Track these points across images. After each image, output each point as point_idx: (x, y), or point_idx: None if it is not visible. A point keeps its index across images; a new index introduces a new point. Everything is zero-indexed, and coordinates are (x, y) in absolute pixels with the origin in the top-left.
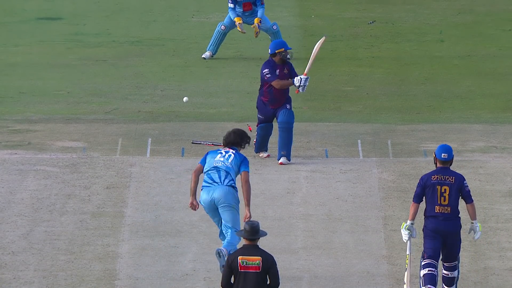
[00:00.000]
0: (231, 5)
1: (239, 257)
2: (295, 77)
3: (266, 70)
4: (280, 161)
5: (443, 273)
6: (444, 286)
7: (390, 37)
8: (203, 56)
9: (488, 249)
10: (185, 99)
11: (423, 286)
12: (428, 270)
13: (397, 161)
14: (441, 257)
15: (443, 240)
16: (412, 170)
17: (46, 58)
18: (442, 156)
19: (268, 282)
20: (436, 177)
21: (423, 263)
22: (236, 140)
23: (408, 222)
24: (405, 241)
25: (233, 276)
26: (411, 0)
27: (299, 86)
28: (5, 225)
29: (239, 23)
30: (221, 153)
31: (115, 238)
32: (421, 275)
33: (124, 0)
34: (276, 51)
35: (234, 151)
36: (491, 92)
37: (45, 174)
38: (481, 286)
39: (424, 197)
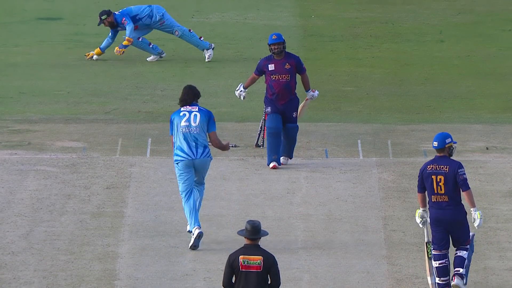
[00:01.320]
0: (110, 34)
1: (240, 256)
2: (240, 86)
3: (259, 62)
4: (281, 162)
5: (454, 252)
6: (454, 269)
7: (390, 37)
8: (207, 56)
9: (488, 249)
10: None
11: (436, 276)
12: (439, 264)
13: (397, 161)
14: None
15: (447, 228)
16: (412, 170)
17: (46, 58)
18: (433, 145)
19: (269, 282)
20: (431, 166)
21: (435, 253)
22: (194, 94)
23: (421, 209)
24: (421, 227)
25: (234, 276)
26: (411, 0)
27: (236, 90)
28: (5, 225)
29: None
30: (185, 114)
31: (115, 238)
32: (434, 266)
33: (124, 0)
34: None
35: (197, 109)
36: (491, 92)
37: (45, 174)
38: (481, 286)
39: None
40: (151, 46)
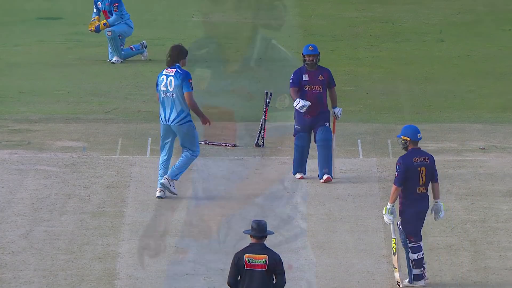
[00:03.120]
0: (94, 10)
1: (245, 255)
2: (297, 100)
3: (291, 76)
4: (324, 179)
5: (411, 255)
6: (412, 269)
7: (390, 37)
8: (112, 60)
9: (488, 249)
10: None
11: (414, 268)
12: (421, 255)
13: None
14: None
15: (423, 219)
16: None
17: (46, 58)
18: (418, 137)
19: (274, 281)
20: (416, 159)
21: (413, 246)
22: (179, 52)
23: (389, 205)
24: (389, 224)
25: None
26: (411, 0)
27: (296, 106)
28: (5, 225)
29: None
30: (163, 79)
31: (115, 237)
32: (413, 258)
33: (124, 0)
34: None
35: (174, 72)
36: (491, 91)
37: (45, 173)
38: (481, 286)
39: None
40: (133, 49)
